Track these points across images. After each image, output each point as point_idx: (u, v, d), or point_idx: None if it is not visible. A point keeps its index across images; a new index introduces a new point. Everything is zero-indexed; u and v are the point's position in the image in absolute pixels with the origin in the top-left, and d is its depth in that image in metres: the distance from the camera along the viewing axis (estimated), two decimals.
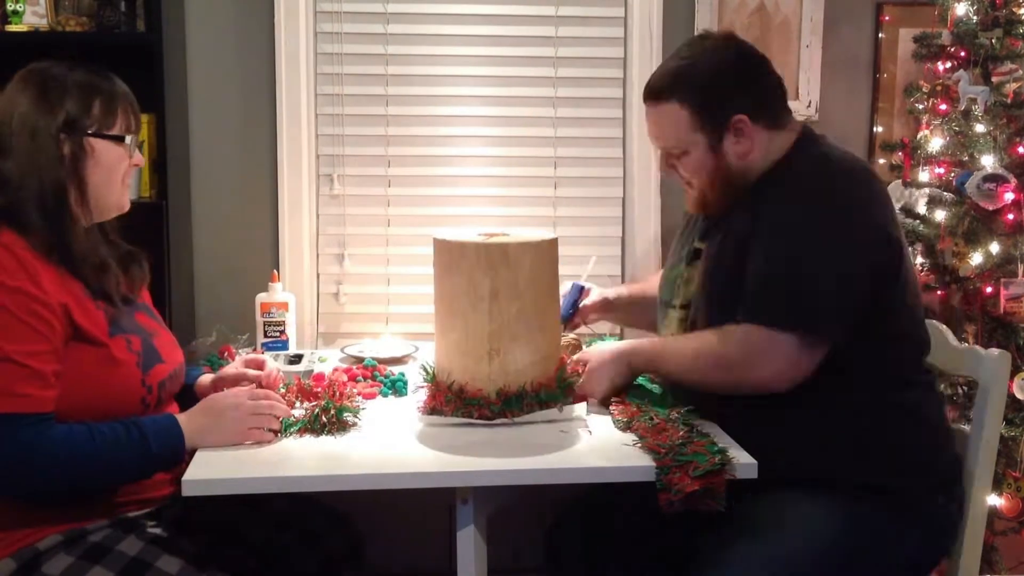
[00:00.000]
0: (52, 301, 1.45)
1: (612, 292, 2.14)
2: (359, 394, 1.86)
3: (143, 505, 1.57)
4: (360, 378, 1.97)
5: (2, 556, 1.45)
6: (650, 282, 2.10)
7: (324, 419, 1.62)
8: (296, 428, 1.61)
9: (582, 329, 2.39)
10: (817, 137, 1.74)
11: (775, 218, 1.60)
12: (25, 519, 1.47)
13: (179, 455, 1.52)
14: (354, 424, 1.65)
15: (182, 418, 1.55)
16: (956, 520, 1.69)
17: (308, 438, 1.60)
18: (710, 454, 1.45)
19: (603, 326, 2.57)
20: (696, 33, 1.85)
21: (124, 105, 1.61)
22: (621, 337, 2.55)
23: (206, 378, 1.82)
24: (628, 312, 2.14)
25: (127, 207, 1.66)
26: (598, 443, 1.59)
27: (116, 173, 1.59)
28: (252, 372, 1.77)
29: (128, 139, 1.60)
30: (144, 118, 2.31)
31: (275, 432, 1.58)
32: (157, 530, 1.55)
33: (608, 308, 2.12)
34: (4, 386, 1.40)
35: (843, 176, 1.64)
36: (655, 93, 1.71)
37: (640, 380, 1.82)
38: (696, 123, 1.67)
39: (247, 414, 1.56)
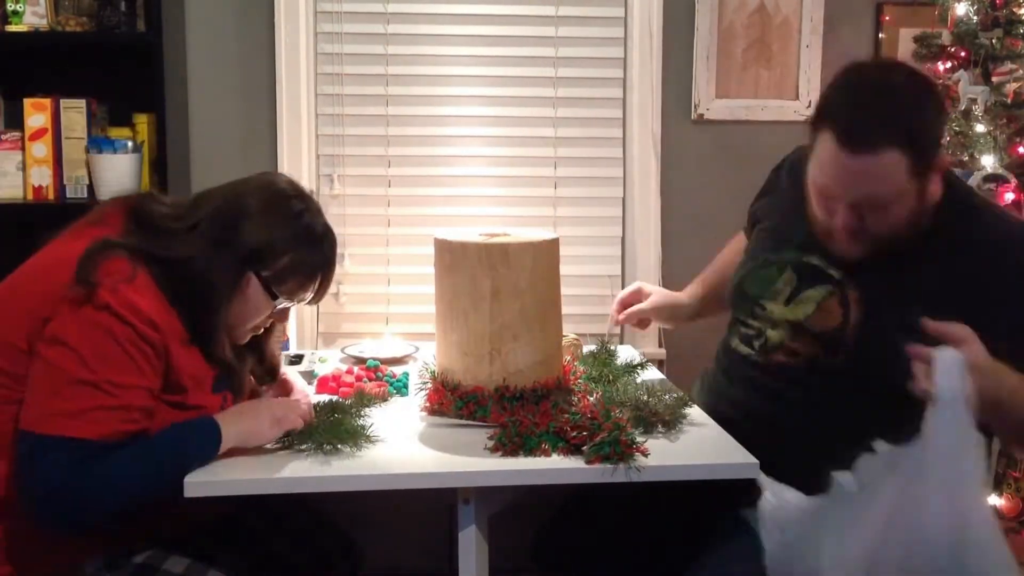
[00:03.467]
0: (172, 342, 1.43)
1: (684, 295, 2.07)
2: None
3: (181, 527, 1.55)
4: (366, 379, 1.97)
5: None
6: (715, 270, 2.04)
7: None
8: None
9: (580, 329, 2.39)
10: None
11: None
12: (65, 544, 1.43)
13: (211, 458, 1.47)
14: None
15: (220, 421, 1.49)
16: None
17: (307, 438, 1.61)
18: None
19: (601, 326, 2.58)
20: (853, 61, 1.60)
21: (309, 282, 1.58)
22: (621, 341, 2.54)
23: None
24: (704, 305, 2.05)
25: (241, 343, 1.60)
26: None
27: (251, 318, 1.56)
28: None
29: (279, 301, 1.56)
30: (144, 118, 2.34)
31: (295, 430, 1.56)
32: (193, 546, 1.53)
33: (676, 312, 2.07)
34: (79, 407, 1.35)
35: None
36: (873, 140, 1.45)
37: None
38: (912, 169, 1.46)
39: (273, 418, 1.54)
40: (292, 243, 1.53)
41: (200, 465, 1.45)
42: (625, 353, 2.11)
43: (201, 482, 1.42)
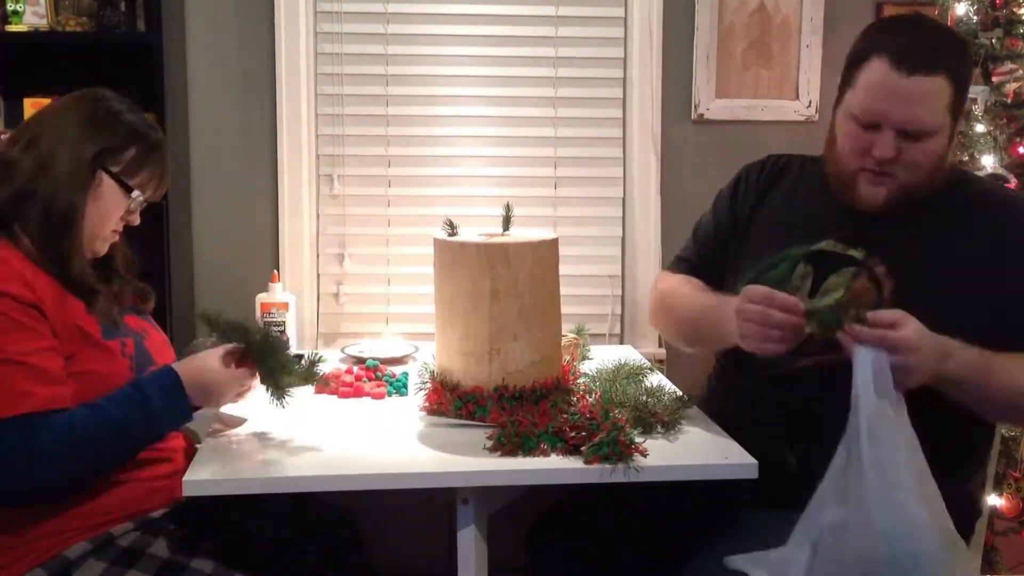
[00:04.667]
0: (47, 300, 1.46)
1: None
2: (368, 394, 1.87)
3: (162, 505, 1.56)
4: (365, 379, 1.97)
5: (31, 566, 1.43)
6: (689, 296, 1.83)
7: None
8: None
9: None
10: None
11: None
12: (50, 527, 1.45)
13: (183, 411, 1.53)
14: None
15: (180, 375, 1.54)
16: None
17: (307, 438, 1.61)
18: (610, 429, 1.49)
19: (601, 326, 2.58)
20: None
21: (155, 165, 1.61)
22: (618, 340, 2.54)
23: None
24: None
25: (100, 254, 1.62)
26: None
27: (109, 218, 1.58)
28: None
29: (135, 194, 1.59)
30: None
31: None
32: (180, 531, 1.54)
33: None
34: (9, 387, 1.39)
35: None
36: (928, 63, 1.50)
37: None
38: (952, 104, 1.52)
39: (227, 386, 1.58)
40: (134, 133, 1.58)
41: (170, 416, 1.52)
42: (625, 354, 2.11)
43: (200, 481, 1.42)
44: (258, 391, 1.65)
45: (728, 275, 1.78)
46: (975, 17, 2.33)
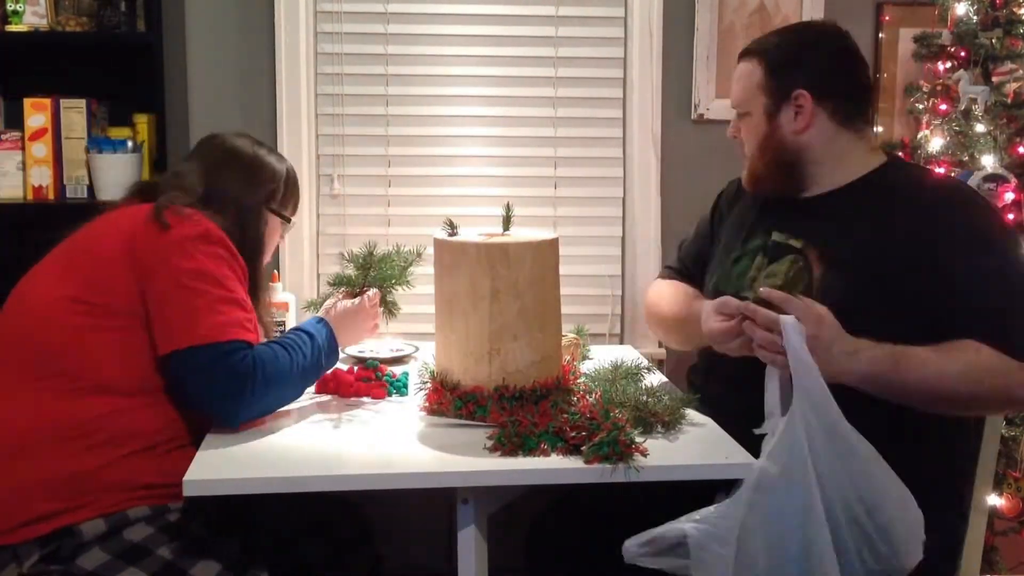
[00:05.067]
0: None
1: None
2: (368, 394, 1.88)
3: None
4: (365, 379, 1.97)
5: (92, 515, 1.51)
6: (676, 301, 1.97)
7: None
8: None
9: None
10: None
11: (959, 232, 1.58)
12: (116, 487, 1.53)
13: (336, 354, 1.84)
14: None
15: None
16: (960, 539, 1.67)
17: (307, 437, 1.61)
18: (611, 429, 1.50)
19: (601, 326, 2.58)
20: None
21: (296, 195, 1.95)
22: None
23: None
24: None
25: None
26: None
27: (272, 247, 1.91)
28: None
29: (293, 220, 1.95)
30: (144, 118, 2.34)
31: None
32: (215, 516, 1.62)
33: None
34: (237, 318, 1.60)
35: (976, 194, 1.72)
36: (744, 52, 1.81)
37: None
38: (763, 84, 1.73)
39: (368, 319, 2.01)
40: (290, 181, 1.91)
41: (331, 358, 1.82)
42: (625, 354, 2.11)
43: (200, 480, 1.42)
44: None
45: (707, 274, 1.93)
46: (975, 17, 2.33)
